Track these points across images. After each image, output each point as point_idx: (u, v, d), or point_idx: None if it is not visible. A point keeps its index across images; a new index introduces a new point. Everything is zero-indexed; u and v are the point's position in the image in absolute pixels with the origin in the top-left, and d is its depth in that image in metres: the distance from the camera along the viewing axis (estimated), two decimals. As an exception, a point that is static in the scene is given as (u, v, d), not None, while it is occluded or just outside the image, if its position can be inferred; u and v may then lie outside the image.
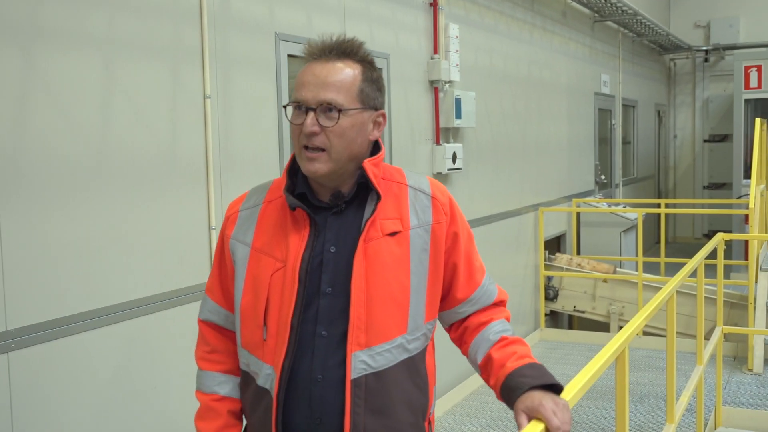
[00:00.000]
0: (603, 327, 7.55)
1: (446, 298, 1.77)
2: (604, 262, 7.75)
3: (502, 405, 1.68)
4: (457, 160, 5.46)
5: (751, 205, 6.12)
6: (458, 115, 5.39)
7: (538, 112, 7.38)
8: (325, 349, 1.62)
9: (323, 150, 1.61)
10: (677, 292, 6.97)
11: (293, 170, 1.72)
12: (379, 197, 1.66)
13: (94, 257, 2.81)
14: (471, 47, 5.85)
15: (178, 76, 3.18)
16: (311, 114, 1.60)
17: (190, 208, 3.25)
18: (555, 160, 7.93)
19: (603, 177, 9.61)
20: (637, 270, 8.52)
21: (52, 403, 2.66)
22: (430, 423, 1.78)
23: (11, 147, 2.52)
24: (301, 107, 1.62)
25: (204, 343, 1.84)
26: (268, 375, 1.65)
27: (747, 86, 9.52)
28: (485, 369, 1.73)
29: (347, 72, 1.63)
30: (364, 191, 1.69)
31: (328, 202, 1.68)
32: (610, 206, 8.82)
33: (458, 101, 5.39)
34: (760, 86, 9.46)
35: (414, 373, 1.68)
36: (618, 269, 7.63)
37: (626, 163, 11.07)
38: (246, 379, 1.73)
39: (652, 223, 11.28)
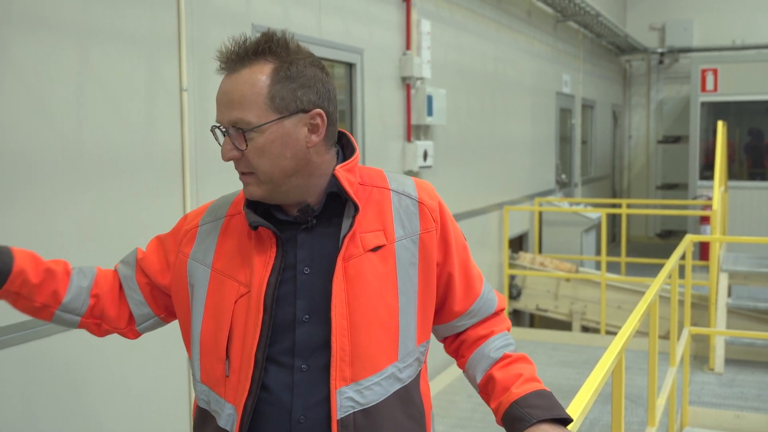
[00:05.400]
0: (565, 326, 7.59)
1: (441, 312, 1.59)
2: (566, 261, 7.80)
3: (472, 404, 1.58)
4: (428, 158, 5.40)
5: (714, 207, 6.19)
6: (429, 113, 5.34)
7: (503, 110, 7.37)
8: (305, 385, 1.41)
9: (252, 173, 1.42)
10: (638, 292, 7.13)
11: None
12: (356, 209, 1.44)
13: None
14: (441, 44, 5.80)
15: (155, 66, 3.04)
16: (226, 138, 1.41)
17: (165, 205, 3.11)
18: (519, 158, 7.95)
19: (564, 176, 9.67)
20: (596, 269, 8.64)
21: None
22: None
23: (-20, 139, 2.37)
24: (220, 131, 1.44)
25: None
26: (230, 415, 1.43)
27: (703, 89, 9.66)
28: (485, 389, 1.57)
29: (252, 80, 1.38)
30: (337, 201, 1.47)
31: (295, 216, 1.46)
32: (571, 206, 8.88)
33: (430, 98, 5.33)
34: (716, 89, 9.61)
35: (408, 403, 1.49)
36: (580, 268, 7.69)
37: (584, 162, 11.18)
38: (205, 418, 1.50)
39: (608, 222, 11.42)
